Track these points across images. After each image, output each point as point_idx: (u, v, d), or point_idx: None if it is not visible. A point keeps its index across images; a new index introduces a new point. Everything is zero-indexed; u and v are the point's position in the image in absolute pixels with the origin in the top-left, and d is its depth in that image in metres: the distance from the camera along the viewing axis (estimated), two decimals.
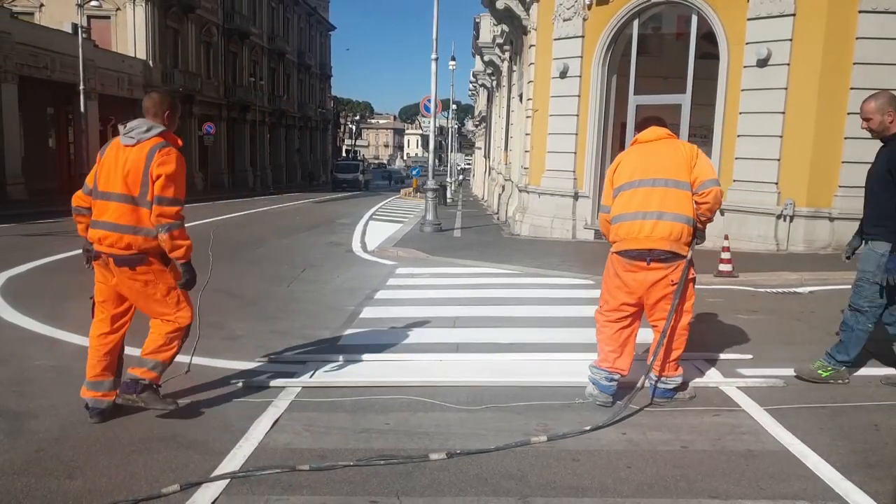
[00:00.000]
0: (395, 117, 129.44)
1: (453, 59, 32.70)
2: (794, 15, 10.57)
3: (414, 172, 33.40)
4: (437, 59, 15.08)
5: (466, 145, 69.21)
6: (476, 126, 52.05)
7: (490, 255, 11.24)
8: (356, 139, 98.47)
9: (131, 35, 31.19)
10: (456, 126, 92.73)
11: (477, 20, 30.46)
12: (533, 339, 5.88)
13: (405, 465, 3.37)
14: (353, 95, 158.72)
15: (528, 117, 14.85)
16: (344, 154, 74.05)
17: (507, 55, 21.16)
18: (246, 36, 42.08)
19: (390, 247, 12.40)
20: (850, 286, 7.24)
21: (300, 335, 6.03)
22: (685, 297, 4.10)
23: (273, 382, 4.63)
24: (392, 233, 15.35)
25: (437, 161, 63.91)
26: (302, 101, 54.94)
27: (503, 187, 20.07)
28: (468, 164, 65.26)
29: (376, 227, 17.19)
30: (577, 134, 13.37)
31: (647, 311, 4.16)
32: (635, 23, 12.53)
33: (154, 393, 3.92)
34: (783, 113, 10.89)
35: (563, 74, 13.32)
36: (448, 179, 31.88)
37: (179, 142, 3.95)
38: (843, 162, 10.75)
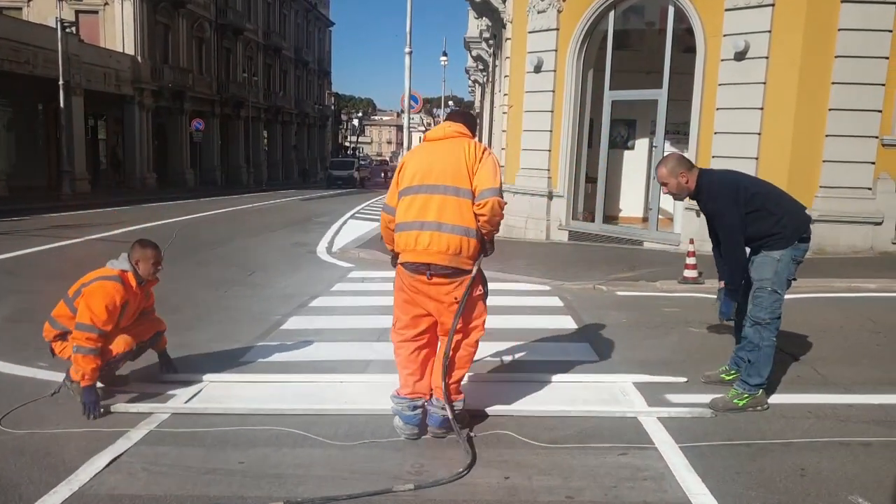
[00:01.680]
0: (397, 114, 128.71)
1: (444, 54, 32.08)
2: (772, 5, 9.96)
3: None
4: (410, 53, 14.57)
5: None
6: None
7: None
8: (359, 136, 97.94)
9: (119, 30, 30.79)
10: None
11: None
12: None
13: None
14: (356, 92, 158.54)
15: (504, 113, 14.31)
16: (346, 151, 73.58)
17: (492, 49, 20.60)
18: (240, 32, 41.61)
19: (354, 248, 11.89)
20: (824, 295, 6.70)
21: (206, 348, 5.55)
22: (472, 315, 3.64)
23: (139, 407, 4.14)
24: (364, 232, 14.83)
25: None
26: (299, 97, 54.45)
27: None
28: None
29: (353, 226, 16.66)
30: (551, 131, 12.82)
31: (438, 330, 3.72)
32: (611, 15, 11.95)
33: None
34: (761, 109, 10.30)
35: (538, 69, 12.77)
36: None
37: (132, 285, 4.23)
38: (824, 161, 10.19)
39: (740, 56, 10.31)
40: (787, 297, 6.73)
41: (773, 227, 3.98)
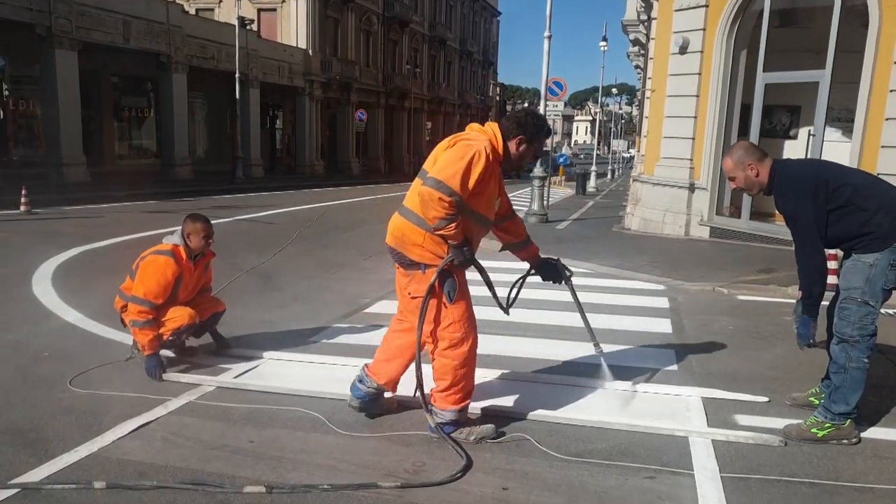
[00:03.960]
0: (564, 104, 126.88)
1: (604, 39, 30.88)
2: None
3: (560, 160, 32.16)
4: (550, 38, 14.08)
5: (630, 131, 66.05)
6: (638, 110, 49.20)
7: (575, 252, 10.21)
8: None
9: (294, 26, 32.97)
10: (629, 112, 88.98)
11: None
12: (519, 351, 5.03)
13: (212, 495, 2.86)
14: (522, 83, 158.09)
15: (647, 98, 13.44)
16: None
17: (647, 32, 19.44)
18: (406, 24, 42.94)
19: None
20: None
21: (284, 326, 5.70)
22: (437, 320, 3.34)
23: (190, 377, 4.32)
24: None
25: (606, 148, 61.42)
26: (462, 88, 55.27)
27: (633, 178, 18.54)
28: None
29: None
30: (695, 117, 11.79)
31: None
32: None
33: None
34: None
35: (683, 50, 11.78)
36: (592, 169, 30.25)
37: (183, 258, 4.41)
38: None
39: None
40: None
41: (863, 225, 3.27)
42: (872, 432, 3.53)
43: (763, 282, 7.67)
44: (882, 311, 3.45)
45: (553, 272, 3.83)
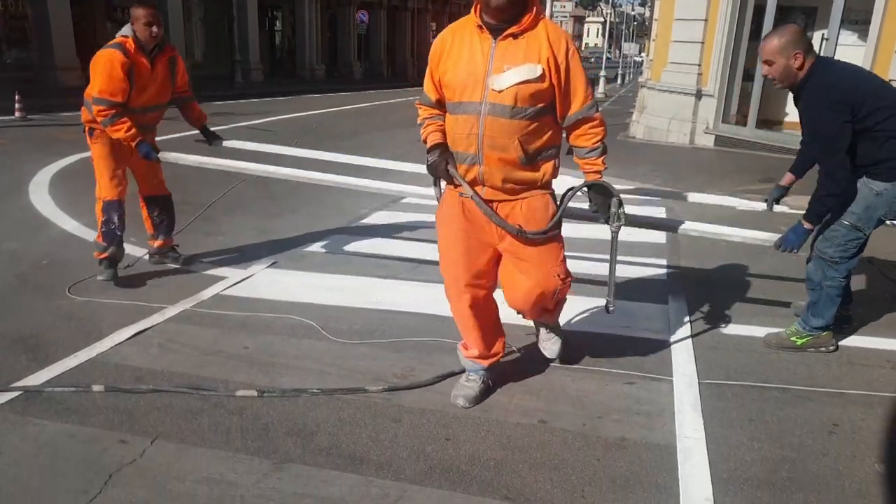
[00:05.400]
0: (576, 4, 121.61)
1: None
2: None
3: None
4: None
5: (642, 34, 63.85)
6: (650, 12, 47.36)
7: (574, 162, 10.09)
8: None
9: None
10: (641, 13, 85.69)
11: None
12: None
13: (206, 399, 2.97)
14: None
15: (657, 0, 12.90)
16: None
17: None
18: None
19: None
20: None
21: (281, 234, 5.74)
22: None
23: (187, 285, 4.39)
24: None
25: (617, 51, 59.30)
26: None
27: (641, 84, 18.09)
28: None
29: None
30: (706, 20, 11.34)
31: None
32: None
33: (106, 267, 4.42)
34: None
35: None
36: (601, 73, 29.42)
37: (132, 49, 4.03)
38: None
39: None
40: None
41: (890, 152, 3.08)
42: (850, 340, 3.62)
43: (762, 192, 7.59)
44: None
45: (603, 203, 3.03)
